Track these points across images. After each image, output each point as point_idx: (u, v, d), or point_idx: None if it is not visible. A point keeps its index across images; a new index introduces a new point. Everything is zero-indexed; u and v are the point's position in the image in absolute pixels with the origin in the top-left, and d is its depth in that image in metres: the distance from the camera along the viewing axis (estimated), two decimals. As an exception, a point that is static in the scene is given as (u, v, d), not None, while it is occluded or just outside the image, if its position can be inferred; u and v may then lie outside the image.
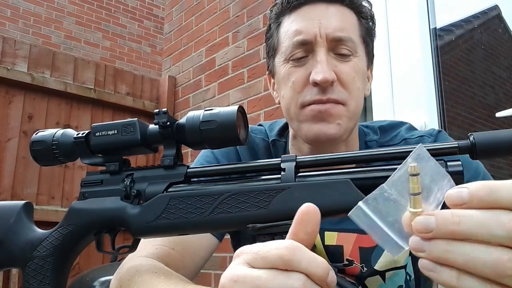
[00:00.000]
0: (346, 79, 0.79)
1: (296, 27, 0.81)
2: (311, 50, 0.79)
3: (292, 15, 0.83)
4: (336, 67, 0.79)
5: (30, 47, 2.84)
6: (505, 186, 0.34)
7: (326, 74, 0.76)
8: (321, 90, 0.77)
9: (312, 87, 0.78)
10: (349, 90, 0.79)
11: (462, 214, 0.34)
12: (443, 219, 0.34)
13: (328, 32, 0.78)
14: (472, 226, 0.33)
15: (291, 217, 0.49)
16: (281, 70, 0.84)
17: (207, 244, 0.86)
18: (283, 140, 0.93)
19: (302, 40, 0.79)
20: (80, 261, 2.63)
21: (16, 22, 5.02)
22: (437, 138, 0.87)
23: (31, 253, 0.62)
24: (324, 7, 0.81)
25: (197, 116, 0.58)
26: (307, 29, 0.79)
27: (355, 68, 0.80)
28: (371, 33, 0.87)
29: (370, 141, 0.90)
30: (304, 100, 0.79)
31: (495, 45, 2.02)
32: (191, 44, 3.17)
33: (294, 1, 0.82)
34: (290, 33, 0.82)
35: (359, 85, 0.81)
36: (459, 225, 0.34)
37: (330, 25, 0.79)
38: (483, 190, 0.34)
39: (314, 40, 0.79)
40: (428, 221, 0.34)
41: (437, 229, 0.34)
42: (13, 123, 2.67)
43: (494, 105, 1.90)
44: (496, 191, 0.34)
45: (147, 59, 6.02)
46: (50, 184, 2.75)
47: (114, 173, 0.63)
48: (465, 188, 0.34)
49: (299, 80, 0.80)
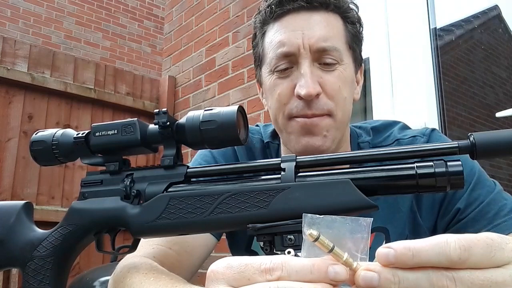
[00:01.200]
0: (331, 90, 0.78)
1: (279, 38, 0.80)
2: (295, 62, 0.78)
3: (276, 24, 0.82)
4: (321, 78, 0.78)
5: (30, 47, 2.84)
6: (425, 247, 0.35)
7: (310, 88, 0.75)
8: (306, 104, 0.77)
9: (297, 99, 0.77)
10: (335, 101, 0.78)
11: (399, 275, 0.35)
12: (385, 279, 0.35)
13: (312, 43, 0.77)
14: (408, 286, 0.35)
15: (291, 217, 0.50)
16: (267, 81, 0.83)
17: (205, 244, 0.86)
18: (276, 142, 0.93)
19: (285, 52, 0.78)
20: (80, 261, 2.63)
21: (16, 22, 5.02)
22: (430, 137, 0.86)
23: (31, 253, 0.62)
24: (307, 15, 0.79)
25: (197, 116, 0.58)
26: (290, 41, 0.78)
27: (340, 77, 0.79)
28: (358, 37, 0.85)
29: (362, 142, 0.89)
30: (290, 112, 0.79)
31: (495, 45, 2.02)
32: (191, 44, 3.17)
33: (277, 10, 0.80)
34: (274, 44, 0.80)
35: (345, 94, 0.80)
36: (398, 285, 0.35)
37: (314, 35, 0.77)
38: (406, 256, 0.35)
39: (297, 51, 0.77)
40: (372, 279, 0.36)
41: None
42: (13, 123, 2.67)
43: (494, 105, 1.90)
44: (418, 254, 0.35)
45: (147, 59, 6.02)
46: (50, 184, 2.75)
47: (114, 173, 0.63)
48: (392, 250, 0.35)
49: (284, 92, 0.79)
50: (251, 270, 0.37)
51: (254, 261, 0.38)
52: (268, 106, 0.85)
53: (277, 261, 0.37)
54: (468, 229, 0.77)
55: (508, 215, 0.76)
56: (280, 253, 0.47)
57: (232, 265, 0.38)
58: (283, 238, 0.49)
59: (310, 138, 0.78)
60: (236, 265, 0.38)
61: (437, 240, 0.35)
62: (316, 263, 0.36)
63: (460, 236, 0.35)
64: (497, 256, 0.35)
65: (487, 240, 0.35)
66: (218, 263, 0.40)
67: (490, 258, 0.35)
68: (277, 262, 0.37)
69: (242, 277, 0.37)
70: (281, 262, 0.37)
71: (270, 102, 0.83)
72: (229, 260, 0.39)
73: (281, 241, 0.49)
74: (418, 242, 0.35)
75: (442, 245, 0.34)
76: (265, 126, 0.99)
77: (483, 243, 0.35)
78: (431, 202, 0.82)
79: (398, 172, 0.50)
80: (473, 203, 0.78)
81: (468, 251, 0.34)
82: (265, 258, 0.38)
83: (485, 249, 0.35)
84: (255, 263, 0.38)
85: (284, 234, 0.49)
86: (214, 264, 0.40)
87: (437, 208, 0.82)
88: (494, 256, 0.35)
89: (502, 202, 0.77)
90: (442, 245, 0.34)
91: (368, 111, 2.01)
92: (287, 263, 0.37)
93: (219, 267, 0.39)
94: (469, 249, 0.34)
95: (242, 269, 0.38)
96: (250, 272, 0.37)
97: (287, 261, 0.37)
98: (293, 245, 0.48)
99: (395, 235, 0.83)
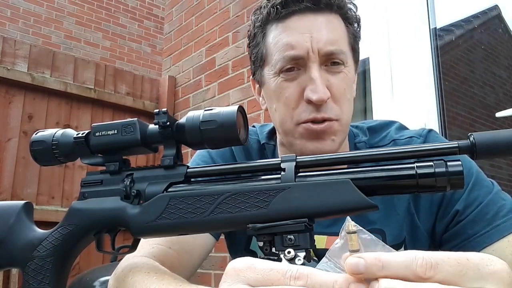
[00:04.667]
0: (338, 93, 0.78)
1: (286, 40, 0.79)
2: (303, 65, 0.78)
3: (280, 25, 0.80)
4: (328, 81, 0.78)
5: (30, 47, 2.84)
6: (394, 260, 0.36)
7: (321, 93, 0.75)
8: (316, 108, 0.77)
9: (306, 103, 0.77)
10: (340, 105, 0.79)
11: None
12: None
13: (320, 47, 0.77)
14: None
15: (291, 217, 0.50)
16: (271, 83, 0.82)
17: (204, 243, 0.86)
18: (272, 143, 0.93)
19: (294, 55, 0.78)
20: (80, 261, 2.63)
21: (16, 22, 5.02)
22: (427, 138, 0.85)
23: (31, 253, 0.62)
24: (313, 17, 0.79)
25: (197, 116, 0.58)
26: (298, 44, 0.77)
27: (345, 80, 0.80)
28: (357, 37, 0.85)
29: (359, 142, 0.89)
30: (299, 117, 0.78)
31: (495, 45, 2.02)
32: (191, 44, 3.17)
33: (283, 11, 0.79)
34: (280, 46, 0.79)
35: (349, 96, 0.81)
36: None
37: (322, 38, 0.77)
38: (376, 266, 0.36)
39: (306, 55, 0.77)
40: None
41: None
42: (13, 123, 2.67)
43: (494, 105, 1.90)
44: (387, 266, 0.36)
45: (147, 59, 6.02)
46: (50, 184, 2.75)
47: (114, 173, 0.63)
48: (362, 260, 0.36)
49: (292, 96, 0.79)
50: (277, 275, 0.38)
51: (280, 267, 0.39)
52: (273, 109, 0.84)
53: (303, 272, 0.38)
54: (467, 231, 0.77)
55: (507, 215, 0.75)
56: (280, 253, 0.47)
57: (256, 266, 0.39)
58: (283, 238, 0.49)
59: (318, 143, 0.78)
60: (261, 268, 0.39)
61: (407, 254, 0.36)
62: (338, 280, 0.37)
63: (431, 254, 0.36)
64: (469, 275, 0.35)
65: (460, 259, 0.35)
66: (240, 261, 0.40)
67: (460, 276, 0.35)
68: (303, 272, 0.38)
69: (265, 279, 0.38)
70: (307, 274, 0.38)
71: (276, 105, 0.82)
72: (253, 261, 0.40)
73: (281, 241, 0.48)
74: (388, 255, 0.36)
75: (410, 260, 0.35)
76: (262, 126, 0.98)
77: (453, 261, 0.35)
78: (429, 204, 0.82)
79: (398, 172, 0.50)
80: (471, 204, 0.78)
81: (435, 268, 0.35)
82: (292, 266, 0.39)
83: (455, 267, 0.35)
84: (281, 269, 0.39)
85: (284, 234, 0.49)
86: (235, 262, 0.40)
87: (435, 210, 0.81)
88: (466, 274, 0.35)
89: (501, 203, 0.77)
90: (410, 260, 0.35)
91: (368, 111, 2.02)
92: (313, 275, 0.37)
93: (242, 265, 0.40)
94: (436, 267, 0.35)
95: (267, 272, 0.38)
96: (275, 277, 0.38)
97: (313, 273, 0.38)
98: (293, 245, 0.48)
99: (391, 237, 0.83)
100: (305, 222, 0.49)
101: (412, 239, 0.84)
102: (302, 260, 0.45)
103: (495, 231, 0.74)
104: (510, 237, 0.74)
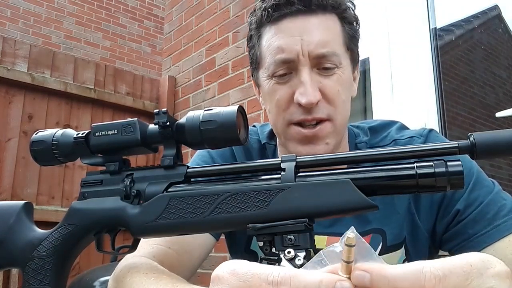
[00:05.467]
0: (331, 95, 0.78)
1: (277, 43, 0.78)
2: (294, 68, 0.78)
3: (273, 28, 0.80)
4: (320, 83, 0.77)
5: (30, 47, 2.84)
6: (400, 276, 0.35)
7: (311, 96, 0.75)
8: (306, 110, 0.77)
9: (297, 105, 0.77)
10: (334, 105, 0.78)
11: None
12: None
13: (311, 49, 0.76)
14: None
15: (291, 217, 0.50)
16: (265, 85, 0.83)
17: (204, 243, 0.86)
18: (273, 143, 0.93)
19: (284, 59, 0.77)
20: (80, 261, 2.63)
21: (16, 22, 5.02)
22: (428, 138, 0.85)
23: (31, 253, 0.62)
24: (305, 19, 0.78)
25: (197, 116, 0.58)
26: (288, 47, 0.77)
27: (339, 81, 0.79)
28: (355, 37, 0.84)
29: (360, 142, 0.89)
30: (290, 118, 0.79)
31: (495, 45, 2.02)
32: (191, 44, 3.17)
33: (274, 14, 0.79)
34: (272, 49, 0.79)
35: (344, 97, 0.80)
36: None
37: (313, 40, 0.76)
38: (381, 282, 0.35)
39: (296, 58, 0.77)
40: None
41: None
42: (13, 123, 2.67)
43: (494, 105, 1.90)
44: (393, 282, 0.35)
45: (147, 59, 6.02)
46: (50, 184, 2.75)
47: (114, 173, 0.63)
48: (367, 274, 0.36)
49: (283, 98, 0.79)
50: (258, 280, 0.37)
51: (261, 271, 0.37)
52: (267, 110, 0.85)
53: (285, 275, 0.36)
54: (468, 230, 0.77)
55: (507, 215, 0.75)
56: (280, 253, 0.47)
57: (238, 272, 0.38)
58: (283, 238, 0.49)
59: (311, 148, 0.78)
60: (243, 273, 0.38)
61: (413, 268, 0.35)
62: (324, 279, 0.36)
63: (436, 265, 0.35)
64: (473, 284, 0.35)
65: (465, 267, 0.35)
66: (224, 268, 0.39)
67: (467, 285, 0.35)
68: (285, 275, 0.36)
69: (247, 286, 0.37)
70: (289, 276, 0.36)
71: (269, 106, 0.83)
72: (236, 265, 0.39)
73: (281, 241, 0.48)
74: (395, 270, 0.35)
75: (417, 274, 0.35)
76: (262, 126, 0.98)
77: (459, 271, 0.35)
78: (430, 204, 0.82)
79: (398, 172, 0.50)
80: (472, 204, 0.77)
81: (443, 281, 0.35)
82: (274, 269, 0.37)
83: (462, 277, 0.35)
84: (262, 274, 0.37)
85: (284, 234, 0.49)
86: (219, 268, 0.39)
87: (435, 210, 0.81)
88: (471, 283, 0.35)
89: (501, 202, 0.77)
90: (417, 275, 0.35)
91: (368, 111, 2.02)
92: (296, 277, 0.36)
93: (224, 272, 0.39)
94: (444, 279, 0.35)
95: (248, 278, 0.37)
96: (256, 282, 0.37)
97: (296, 275, 0.36)
98: (293, 245, 0.48)
99: (392, 236, 0.83)
100: (305, 222, 0.49)
101: (413, 238, 0.84)
102: (302, 260, 0.45)
103: (495, 231, 0.74)
104: (510, 237, 0.74)
